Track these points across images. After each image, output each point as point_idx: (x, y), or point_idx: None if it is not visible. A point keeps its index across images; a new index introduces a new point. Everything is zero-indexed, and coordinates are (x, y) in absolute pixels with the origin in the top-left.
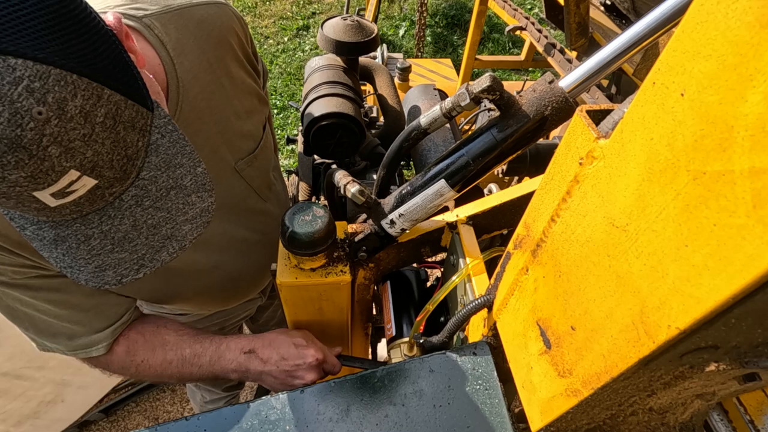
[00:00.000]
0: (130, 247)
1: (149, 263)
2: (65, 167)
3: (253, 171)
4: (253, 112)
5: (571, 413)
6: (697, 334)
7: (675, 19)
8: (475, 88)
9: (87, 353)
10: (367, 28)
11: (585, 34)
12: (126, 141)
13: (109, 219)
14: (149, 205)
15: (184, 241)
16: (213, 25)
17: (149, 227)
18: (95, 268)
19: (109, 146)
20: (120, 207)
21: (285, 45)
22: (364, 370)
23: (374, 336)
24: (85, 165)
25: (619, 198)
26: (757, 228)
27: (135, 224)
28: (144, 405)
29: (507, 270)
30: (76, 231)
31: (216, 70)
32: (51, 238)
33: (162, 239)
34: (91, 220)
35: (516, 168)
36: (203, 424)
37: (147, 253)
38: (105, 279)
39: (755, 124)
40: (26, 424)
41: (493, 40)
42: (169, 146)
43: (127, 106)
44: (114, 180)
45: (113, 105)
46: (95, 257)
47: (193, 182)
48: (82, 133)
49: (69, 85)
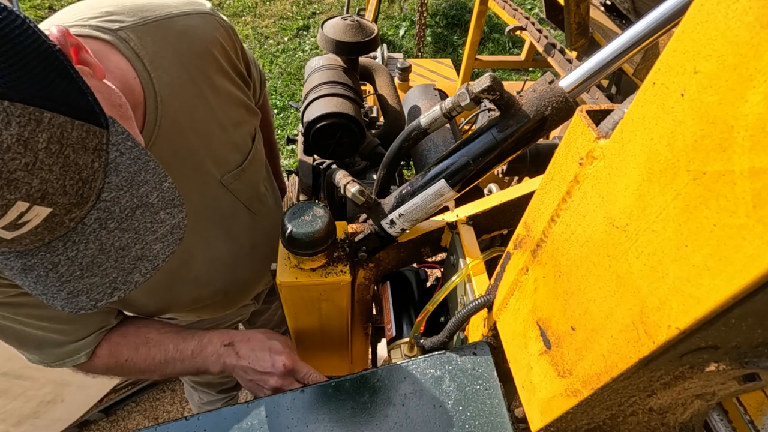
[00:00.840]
0: (100, 272)
1: (122, 286)
2: (9, 200)
3: (242, 184)
4: (240, 123)
5: (571, 413)
6: (697, 335)
7: (675, 20)
8: (475, 88)
9: (73, 361)
10: (367, 28)
11: (585, 34)
12: (78, 164)
13: (74, 245)
14: (114, 227)
15: (157, 261)
16: (194, 37)
17: (117, 249)
18: (68, 294)
19: (58, 172)
20: (84, 231)
21: (285, 45)
22: (363, 370)
23: (374, 336)
24: (33, 195)
25: (619, 198)
26: (757, 228)
27: (102, 248)
28: (144, 405)
29: (507, 270)
30: (42, 259)
31: (198, 82)
32: (19, 267)
33: (133, 260)
34: (55, 247)
35: (516, 168)
36: (203, 424)
37: (119, 276)
38: (79, 304)
39: (755, 124)
40: (26, 423)
41: (493, 40)
42: (129, 164)
43: (75, 127)
44: (71, 205)
45: (57, 128)
46: (66, 284)
47: (160, 199)
48: (24, 162)
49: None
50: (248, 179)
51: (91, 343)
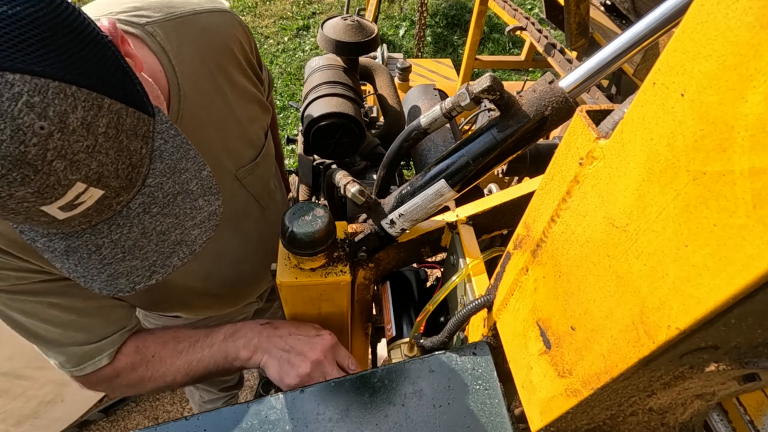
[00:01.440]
0: (141, 255)
1: (161, 269)
2: (71, 180)
3: (254, 179)
4: (255, 119)
5: (571, 413)
6: (697, 335)
7: (675, 20)
8: (475, 88)
9: (95, 364)
10: (367, 28)
11: (585, 35)
12: (129, 149)
13: (118, 228)
14: (157, 211)
15: (194, 246)
16: (216, 33)
17: (158, 234)
18: (108, 276)
19: (113, 156)
20: (128, 215)
21: (285, 45)
22: (362, 371)
23: (374, 336)
24: (91, 176)
25: (619, 198)
26: (757, 228)
27: (144, 232)
28: (144, 405)
29: (507, 270)
30: (87, 241)
31: (217, 77)
32: (62, 249)
33: (172, 245)
34: (100, 230)
35: (516, 168)
36: (203, 424)
37: (158, 259)
38: (118, 287)
39: (755, 124)
40: (26, 423)
41: (493, 40)
42: (173, 151)
43: (129, 114)
44: (120, 189)
45: (114, 114)
46: (107, 266)
47: (199, 186)
48: (86, 145)
49: (69, 98)
50: (260, 174)
51: (115, 343)
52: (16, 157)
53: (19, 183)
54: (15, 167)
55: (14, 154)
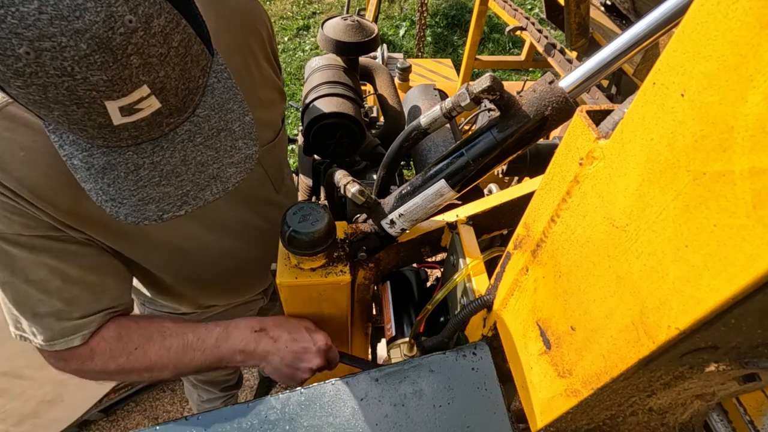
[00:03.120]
0: (177, 182)
1: (192, 201)
2: (140, 80)
3: (271, 160)
4: (274, 103)
5: (571, 413)
6: (697, 335)
7: (675, 20)
8: (475, 88)
9: (67, 342)
10: (368, 28)
11: (585, 35)
12: (191, 74)
13: (162, 150)
14: (200, 142)
15: (228, 183)
16: (246, 15)
17: (197, 164)
18: (139, 200)
19: (178, 72)
20: (173, 140)
21: (285, 45)
22: (361, 371)
23: (374, 336)
24: (156, 84)
25: (619, 198)
26: (757, 228)
27: (185, 159)
28: (144, 405)
29: (507, 270)
30: (128, 159)
31: (246, 56)
32: (100, 165)
33: (207, 178)
34: (144, 149)
35: (516, 168)
36: (203, 424)
37: (191, 189)
38: (146, 213)
39: (755, 124)
40: (26, 423)
41: (493, 40)
42: (223, 91)
43: (196, 42)
44: (174, 109)
45: (186, 36)
46: (141, 189)
47: (241, 128)
48: (160, 52)
49: (156, 4)
50: (276, 156)
51: (93, 323)
52: (103, 41)
53: (98, 67)
54: (99, 50)
55: (102, 38)
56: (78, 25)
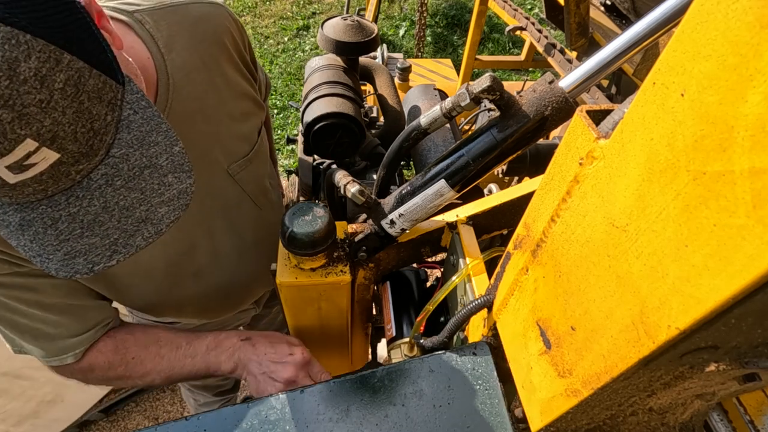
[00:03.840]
0: (101, 231)
1: (122, 249)
2: (19, 135)
3: (248, 175)
4: (248, 115)
5: (571, 413)
6: (697, 334)
7: (675, 20)
8: (475, 88)
9: (61, 360)
10: (367, 28)
11: (585, 34)
12: (91, 113)
13: (77, 200)
14: (121, 185)
15: (161, 225)
16: (208, 25)
17: (121, 209)
18: (64, 255)
19: (71, 116)
20: (89, 187)
21: (285, 45)
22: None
23: (374, 336)
24: (44, 135)
25: (619, 198)
26: (757, 228)
27: (106, 206)
28: (144, 405)
29: (507, 270)
30: (42, 214)
31: (210, 69)
32: (17, 222)
33: (136, 222)
34: (57, 201)
35: (516, 168)
36: (203, 424)
37: (120, 237)
38: (75, 267)
39: (755, 124)
40: (26, 423)
41: (493, 40)
42: (142, 123)
43: (92, 76)
44: (79, 155)
45: (75, 72)
46: (64, 243)
47: (169, 162)
48: (38, 99)
49: (21, 45)
50: (254, 171)
51: (84, 342)
52: None
53: None
54: None
55: None
56: None
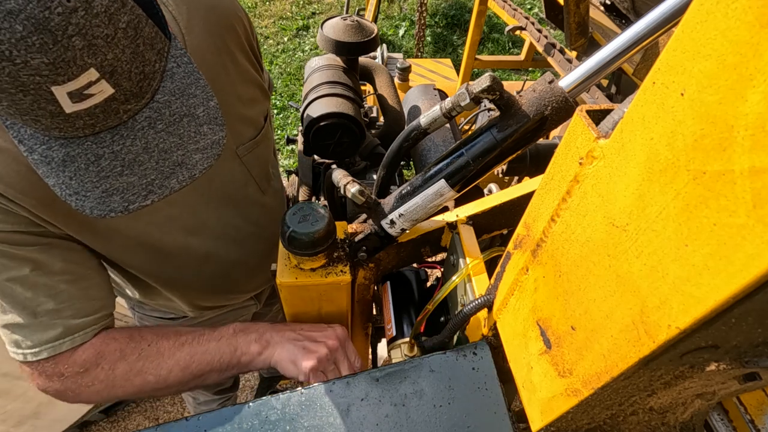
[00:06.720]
0: (140, 171)
1: (158, 190)
2: (86, 63)
3: (254, 158)
4: (255, 101)
5: (571, 413)
6: (697, 334)
7: (675, 19)
8: (475, 88)
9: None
10: (367, 28)
11: (585, 34)
12: (144, 57)
13: (121, 139)
14: (162, 128)
15: (194, 170)
16: (222, 11)
17: (161, 151)
18: (102, 192)
19: (129, 56)
20: (133, 127)
21: (285, 45)
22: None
23: (374, 336)
24: (105, 67)
25: (619, 198)
26: (757, 228)
27: (146, 147)
28: (144, 405)
29: (507, 270)
30: (87, 150)
31: (222, 53)
32: (60, 158)
33: (172, 165)
34: (103, 138)
35: (516, 168)
36: (203, 425)
37: (156, 178)
38: (111, 205)
39: (755, 123)
40: (27, 424)
41: (493, 40)
42: (184, 76)
43: (147, 24)
44: (130, 94)
45: (135, 17)
46: (104, 180)
47: (205, 113)
48: (105, 33)
49: None
50: (260, 154)
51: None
52: (39, 22)
53: (37, 49)
54: (36, 31)
55: (38, 18)
56: (10, 5)
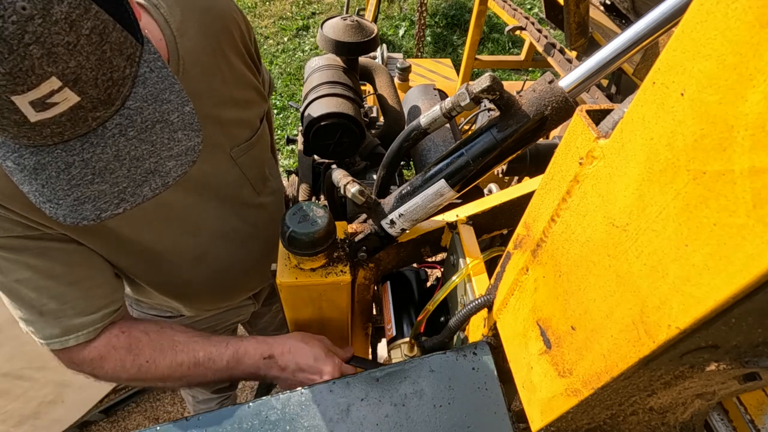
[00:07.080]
0: (111, 179)
1: (130, 198)
2: (46, 71)
3: (249, 160)
4: (251, 103)
5: (571, 413)
6: (697, 334)
7: (675, 19)
8: (475, 88)
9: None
10: (367, 28)
11: (585, 34)
12: (112, 63)
13: (92, 147)
14: (133, 135)
15: (168, 178)
16: (217, 13)
17: (132, 159)
18: (74, 200)
19: (94, 63)
20: (103, 135)
21: (285, 45)
22: (364, 370)
23: (374, 336)
24: (68, 75)
25: (619, 198)
26: (757, 228)
27: (118, 154)
28: (144, 405)
29: (507, 270)
30: (57, 158)
31: (217, 55)
32: (31, 166)
33: (144, 173)
34: (72, 146)
35: (516, 168)
36: (203, 424)
37: (128, 186)
38: (83, 213)
39: (755, 123)
40: (27, 424)
41: (493, 40)
42: (157, 81)
43: (115, 29)
44: (98, 102)
45: (100, 22)
46: (75, 188)
47: (180, 119)
48: (66, 40)
49: None
50: (255, 156)
51: (89, 325)
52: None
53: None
54: None
55: None
56: None
